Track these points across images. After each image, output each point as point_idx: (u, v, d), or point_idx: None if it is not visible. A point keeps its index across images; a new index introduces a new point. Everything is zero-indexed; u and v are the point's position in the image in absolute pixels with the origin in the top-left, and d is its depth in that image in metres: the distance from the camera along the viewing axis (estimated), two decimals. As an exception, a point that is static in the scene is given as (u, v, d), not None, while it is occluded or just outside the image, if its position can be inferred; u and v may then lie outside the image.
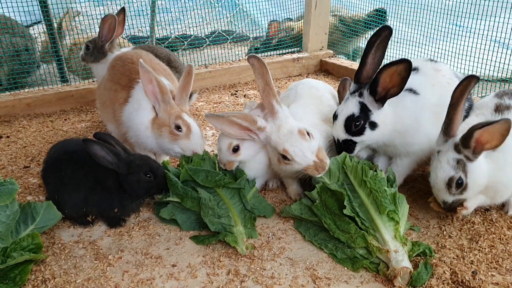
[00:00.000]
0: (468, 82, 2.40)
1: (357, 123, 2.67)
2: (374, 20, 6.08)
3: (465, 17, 4.73)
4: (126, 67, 3.21)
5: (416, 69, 2.86)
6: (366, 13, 6.33)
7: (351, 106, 2.70)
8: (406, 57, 2.52)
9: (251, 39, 6.87)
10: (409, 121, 2.69)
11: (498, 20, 4.39)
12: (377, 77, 2.58)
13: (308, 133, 2.58)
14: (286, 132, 2.59)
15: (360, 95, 2.69)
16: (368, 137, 2.71)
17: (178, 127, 2.90)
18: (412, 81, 2.76)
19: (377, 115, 2.67)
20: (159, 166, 2.71)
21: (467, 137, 2.33)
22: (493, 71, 4.47)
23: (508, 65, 4.34)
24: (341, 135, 2.73)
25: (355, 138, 2.70)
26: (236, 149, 2.74)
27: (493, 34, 4.53)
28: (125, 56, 3.30)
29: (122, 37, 6.42)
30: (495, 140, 2.29)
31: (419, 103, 2.72)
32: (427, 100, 2.73)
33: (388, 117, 2.69)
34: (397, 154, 2.86)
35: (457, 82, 2.78)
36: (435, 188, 2.50)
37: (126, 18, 4.27)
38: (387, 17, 6.06)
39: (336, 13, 6.58)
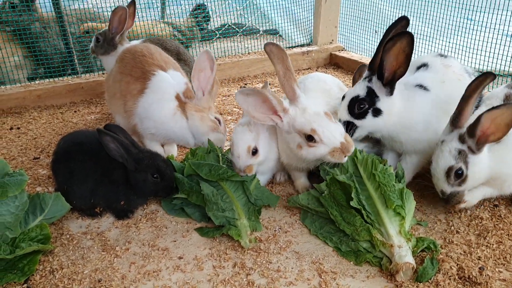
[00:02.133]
0: (485, 78, 2.40)
1: (361, 106, 2.66)
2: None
3: (476, 11, 4.68)
4: (137, 60, 3.24)
5: (425, 65, 2.84)
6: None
7: (358, 89, 2.71)
8: (409, 32, 2.48)
9: (261, 32, 6.85)
10: (418, 117, 2.68)
11: (510, 14, 4.33)
12: (383, 60, 2.55)
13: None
14: (313, 113, 2.57)
15: (370, 80, 2.69)
16: (369, 123, 2.69)
17: (218, 121, 3.10)
18: (423, 77, 2.76)
19: (383, 102, 2.65)
20: (167, 167, 2.72)
21: (474, 124, 2.33)
22: (506, 65, 4.42)
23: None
24: (344, 115, 2.74)
25: (356, 121, 2.69)
26: (255, 151, 2.73)
27: (505, 28, 4.48)
28: (135, 49, 3.33)
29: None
30: (500, 131, 2.30)
31: (429, 100, 2.70)
32: (437, 97, 2.71)
33: (395, 107, 2.67)
34: (406, 151, 2.84)
35: (468, 78, 2.79)
36: (435, 177, 2.52)
37: (136, 10, 4.28)
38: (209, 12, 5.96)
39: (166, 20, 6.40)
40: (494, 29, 4.53)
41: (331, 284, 2.20)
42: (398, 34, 2.47)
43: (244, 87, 5.11)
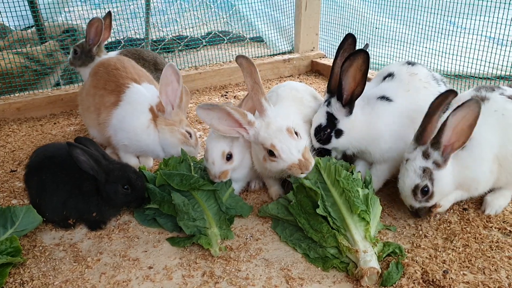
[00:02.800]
0: (447, 96, 2.48)
1: (324, 133, 2.79)
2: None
3: (458, 17, 4.74)
4: (110, 73, 3.28)
5: (391, 74, 2.89)
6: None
7: (319, 117, 2.85)
8: (364, 50, 2.59)
9: (247, 39, 6.90)
10: (383, 128, 2.75)
11: (491, 20, 4.39)
12: (341, 83, 2.66)
13: (296, 133, 2.60)
14: (275, 129, 2.58)
15: (328, 104, 2.81)
16: (336, 144, 2.81)
17: (188, 134, 3.11)
18: (386, 88, 2.82)
19: (343, 122, 2.78)
20: (138, 178, 2.73)
21: (437, 136, 2.38)
22: (488, 68, 4.46)
23: (503, 62, 4.35)
24: (315, 143, 2.87)
25: (325, 146, 2.82)
26: (229, 157, 2.75)
27: (487, 31, 4.53)
28: (108, 62, 3.37)
29: (119, 39, 6.51)
30: (464, 135, 2.34)
31: (393, 110, 2.76)
32: (402, 106, 2.77)
33: (356, 124, 2.78)
34: (375, 161, 2.90)
35: (435, 85, 2.83)
36: (402, 194, 2.59)
37: (112, 22, 4.31)
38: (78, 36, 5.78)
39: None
40: (477, 33, 4.60)
41: (297, 290, 2.23)
42: (354, 54, 2.56)
43: (225, 95, 5.14)
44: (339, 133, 2.78)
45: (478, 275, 2.26)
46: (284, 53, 6.15)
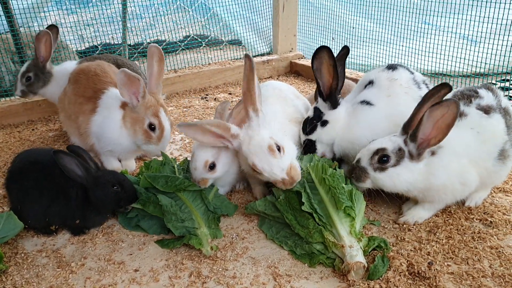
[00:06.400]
0: (439, 89, 2.53)
1: (310, 124, 2.89)
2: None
3: (433, 15, 4.83)
4: (90, 80, 3.26)
5: (371, 82, 2.94)
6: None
7: (309, 112, 2.98)
8: (324, 45, 2.72)
9: (225, 43, 6.90)
10: (365, 132, 2.78)
11: (465, 17, 4.47)
12: (317, 81, 2.82)
13: (279, 148, 2.51)
14: (256, 146, 2.52)
15: (317, 102, 2.96)
16: (320, 132, 2.88)
17: (151, 125, 3.01)
18: (367, 94, 2.89)
19: (328, 114, 2.89)
20: (126, 178, 2.72)
21: (417, 125, 2.41)
22: (463, 65, 4.55)
23: (477, 59, 4.44)
24: (302, 137, 2.96)
25: (311, 137, 2.89)
26: (212, 167, 2.73)
27: (461, 30, 4.62)
28: (88, 68, 3.34)
29: (96, 45, 6.44)
30: (440, 133, 2.36)
31: (374, 114, 2.81)
32: (383, 110, 2.81)
33: (340, 117, 2.88)
34: None
35: (416, 90, 2.86)
36: (363, 150, 2.60)
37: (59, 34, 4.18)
38: None
39: None
40: (451, 32, 4.69)
41: (285, 286, 2.23)
42: (316, 51, 2.71)
43: (205, 97, 5.13)
44: (324, 123, 2.88)
45: (462, 266, 2.30)
46: (263, 55, 6.17)
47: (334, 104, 2.85)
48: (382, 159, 2.48)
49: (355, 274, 2.21)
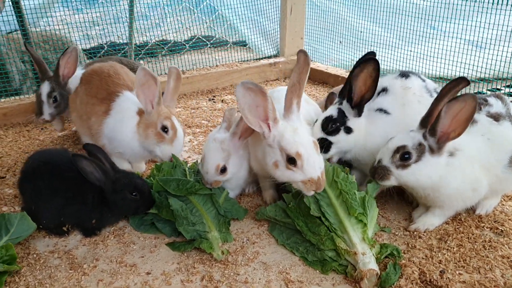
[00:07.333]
0: (458, 83, 2.51)
1: (333, 124, 2.82)
2: None
3: (441, 21, 4.84)
4: (103, 81, 3.27)
5: (385, 89, 2.92)
6: None
7: (330, 110, 2.88)
8: (374, 58, 2.64)
9: (230, 43, 6.91)
10: (380, 140, 2.75)
11: (471, 23, 4.49)
12: (351, 86, 2.74)
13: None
14: (303, 138, 2.46)
15: (340, 103, 2.88)
16: (343, 139, 2.82)
17: (165, 128, 3.03)
18: (383, 101, 2.86)
19: (352, 122, 2.82)
20: (144, 183, 2.73)
21: (436, 119, 2.40)
22: (469, 70, 4.56)
23: (482, 64, 4.45)
24: (318, 133, 2.85)
25: (330, 138, 2.82)
26: (223, 170, 2.75)
27: (467, 35, 4.64)
28: (101, 70, 3.34)
29: (102, 44, 6.45)
30: (459, 127, 2.36)
31: (390, 123, 2.79)
32: (399, 119, 2.80)
33: (362, 127, 2.83)
34: None
35: (428, 98, 2.86)
36: (383, 148, 2.59)
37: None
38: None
39: None
40: (458, 37, 4.71)
41: (297, 293, 2.24)
42: (365, 61, 2.63)
43: (213, 99, 5.14)
44: (349, 130, 2.81)
45: (473, 275, 2.31)
46: (269, 57, 6.19)
47: (360, 113, 2.81)
48: (403, 156, 2.47)
49: (368, 281, 2.22)
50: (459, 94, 2.49)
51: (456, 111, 2.32)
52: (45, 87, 3.77)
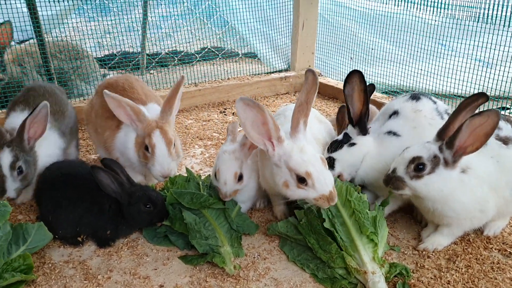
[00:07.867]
0: (476, 98, 2.58)
1: (338, 145, 2.94)
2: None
3: (450, 40, 4.89)
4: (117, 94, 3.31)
5: (396, 112, 2.98)
6: None
7: (339, 136, 3.02)
8: (356, 70, 2.80)
9: (240, 55, 6.99)
10: (391, 162, 2.75)
11: (481, 41, 4.53)
12: (348, 107, 2.89)
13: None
14: (311, 156, 2.49)
15: (347, 129, 3.01)
16: (345, 153, 2.90)
17: (146, 147, 3.05)
18: (393, 125, 2.94)
19: (356, 139, 2.93)
20: (158, 195, 2.80)
21: (455, 132, 2.42)
22: (476, 89, 4.59)
23: (491, 84, 4.48)
24: (324, 154, 2.95)
25: (333, 154, 2.91)
26: (241, 177, 2.80)
27: (476, 54, 4.68)
28: (116, 83, 3.40)
29: (114, 53, 6.52)
30: (477, 141, 2.38)
31: (401, 145, 2.80)
32: (409, 142, 2.80)
33: (369, 143, 2.91)
34: (383, 194, 2.95)
35: (439, 121, 2.90)
36: (400, 157, 2.60)
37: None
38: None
39: None
40: (466, 55, 4.75)
41: (308, 310, 2.28)
42: (348, 76, 2.78)
43: (224, 112, 5.21)
44: (351, 144, 2.91)
45: (482, 296, 2.34)
46: (280, 71, 6.25)
47: (363, 130, 2.88)
48: (418, 167, 2.49)
49: (378, 300, 2.25)
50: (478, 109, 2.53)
51: (477, 125, 2.34)
52: (6, 157, 2.89)
